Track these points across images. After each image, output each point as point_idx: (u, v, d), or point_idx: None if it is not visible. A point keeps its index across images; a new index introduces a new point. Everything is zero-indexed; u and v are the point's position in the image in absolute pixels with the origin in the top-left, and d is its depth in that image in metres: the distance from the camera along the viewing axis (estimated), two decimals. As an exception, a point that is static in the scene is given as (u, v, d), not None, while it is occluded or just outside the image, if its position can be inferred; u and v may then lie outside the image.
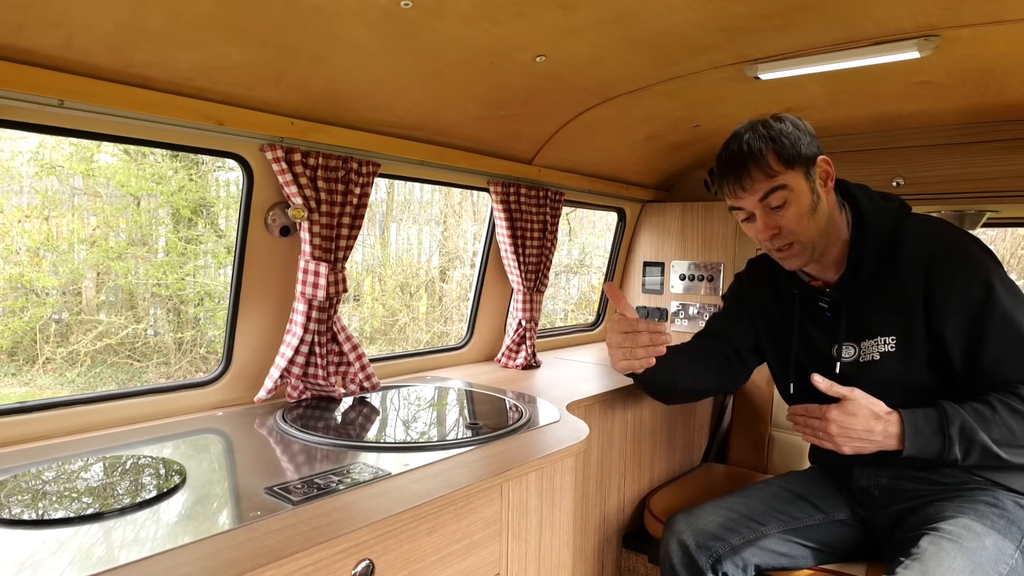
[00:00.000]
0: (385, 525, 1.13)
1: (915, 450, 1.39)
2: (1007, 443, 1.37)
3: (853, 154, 2.71)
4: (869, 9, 1.54)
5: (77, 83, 1.33)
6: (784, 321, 1.78)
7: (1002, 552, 1.38)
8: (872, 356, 1.58)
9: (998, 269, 1.50)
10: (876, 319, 1.58)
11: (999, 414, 1.37)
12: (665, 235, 3.25)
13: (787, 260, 1.60)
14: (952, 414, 1.39)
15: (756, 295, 1.87)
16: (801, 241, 1.55)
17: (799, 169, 1.51)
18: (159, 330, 6.39)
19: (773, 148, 1.50)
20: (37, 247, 5.77)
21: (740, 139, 1.54)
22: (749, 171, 1.51)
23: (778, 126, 1.52)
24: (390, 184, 7.73)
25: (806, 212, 1.52)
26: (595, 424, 2.12)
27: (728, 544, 1.69)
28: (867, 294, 1.59)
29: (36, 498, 1.14)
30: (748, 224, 1.60)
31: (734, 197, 1.56)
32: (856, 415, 1.42)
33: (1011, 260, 7.75)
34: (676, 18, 1.58)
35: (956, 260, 1.49)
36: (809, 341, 1.72)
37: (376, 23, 1.47)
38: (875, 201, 1.61)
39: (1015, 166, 2.40)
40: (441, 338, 7.93)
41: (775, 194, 1.51)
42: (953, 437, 1.37)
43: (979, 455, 1.37)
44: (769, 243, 1.58)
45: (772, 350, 1.84)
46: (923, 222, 1.58)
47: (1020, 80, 1.98)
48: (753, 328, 1.86)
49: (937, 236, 1.54)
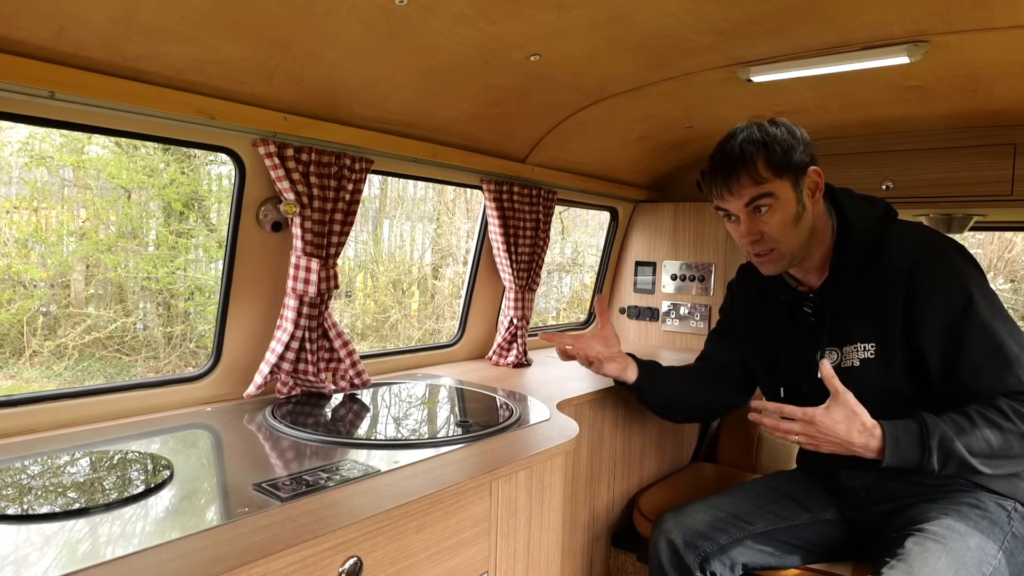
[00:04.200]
0: (374, 522, 1.13)
1: (894, 462, 1.39)
2: (984, 455, 1.37)
3: (843, 157, 2.73)
4: (860, 14, 1.55)
5: (68, 75, 1.32)
6: (771, 326, 1.79)
7: (985, 552, 1.39)
8: (852, 362, 1.59)
9: (979, 279, 1.50)
10: (856, 325, 1.59)
11: (978, 426, 1.37)
12: (657, 235, 3.26)
13: (763, 265, 1.62)
14: (932, 426, 1.39)
15: (745, 304, 1.89)
16: (780, 250, 1.56)
17: (788, 178, 1.51)
18: (148, 324, 6.35)
19: (764, 154, 1.50)
20: (26, 239, 5.72)
21: (733, 140, 1.54)
22: (737, 175, 1.51)
23: (773, 132, 1.52)
24: (383, 180, 7.70)
25: (789, 221, 1.53)
26: (585, 423, 2.13)
27: (716, 543, 1.70)
28: (849, 300, 1.60)
29: (21, 493, 1.13)
30: (731, 225, 1.62)
31: (720, 198, 1.57)
32: (840, 423, 1.40)
33: (998, 263, 7.82)
34: (669, 20, 1.59)
35: (937, 269, 1.49)
36: (794, 346, 1.73)
37: (371, 19, 1.46)
38: (860, 207, 1.62)
39: (1002, 171, 2.43)
40: (433, 335, 7.93)
41: (761, 200, 1.52)
42: (932, 448, 1.37)
43: (956, 466, 1.38)
44: (749, 247, 1.60)
45: (758, 354, 1.85)
46: (907, 229, 1.58)
47: (1007, 86, 2.01)
48: (739, 344, 1.91)
49: (920, 243, 1.54)
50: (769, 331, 1.80)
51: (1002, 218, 2.83)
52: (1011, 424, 1.37)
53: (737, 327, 1.93)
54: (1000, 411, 1.38)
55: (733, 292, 1.99)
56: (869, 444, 1.40)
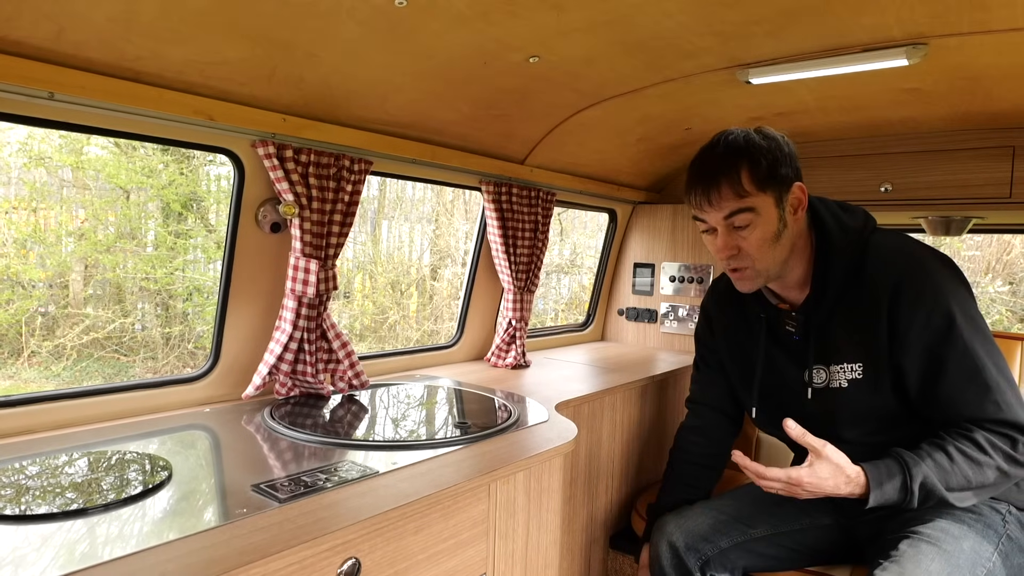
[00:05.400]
0: (372, 523, 1.13)
1: (877, 503, 1.38)
2: (961, 489, 1.38)
3: (842, 159, 2.73)
4: (859, 17, 1.55)
5: (68, 76, 1.33)
6: (751, 344, 1.74)
7: (980, 555, 1.39)
8: (840, 383, 1.55)
9: (964, 296, 1.46)
10: (843, 344, 1.54)
11: (956, 463, 1.37)
12: (656, 237, 3.26)
13: (739, 281, 1.56)
14: (914, 469, 1.37)
15: (724, 326, 1.83)
16: (756, 268, 1.51)
17: (771, 193, 1.45)
18: (147, 324, 6.34)
19: (748, 167, 1.44)
20: (24, 239, 5.71)
21: (716, 148, 1.49)
22: (719, 186, 1.45)
23: (759, 143, 1.46)
24: (382, 181, 7.70)
25: (769, 239, 1.47)
26: (584, 424, 2.13)
27: (717, 547, 1.70)
28: (833, 317, 1.55)
29: (19, 493, 1.13)
30: (708, 237, 1.55)
31: (699, 209, 1.51)
32: (827, 480, 1.37)
33: (997, 266, 7.83)
34: (668, 22, 1.59)
35: (920, 286, 1.44)
36: (776, 366, 1.68)
37: (370, 21, 1.46)
38: (839, 219, 1.56)
39: (1000, 173, 2.44)
40: (431, 337, 7.92)
41: (741, 215, 1.45)
42: (914, 492, 1.37)
43: (935, 502, 1.39)
44: (725, 262, 1.54)
45: (737, 374, 1.81)
46: (889, 240, 1.53)
47: (1006, 88, 2.01)
48: (724, 373, 1.88)
49: (902, 258, 1.48)
50: (750, 349, 1.74)
51: (1001, 220, 2.84)
52: (988, 458, 1.36)
53: (719, 353, 1.87)
54: (977, 445, 1.37)
55: (710, 316, 1.90)
56: (854, 492, 1.39)
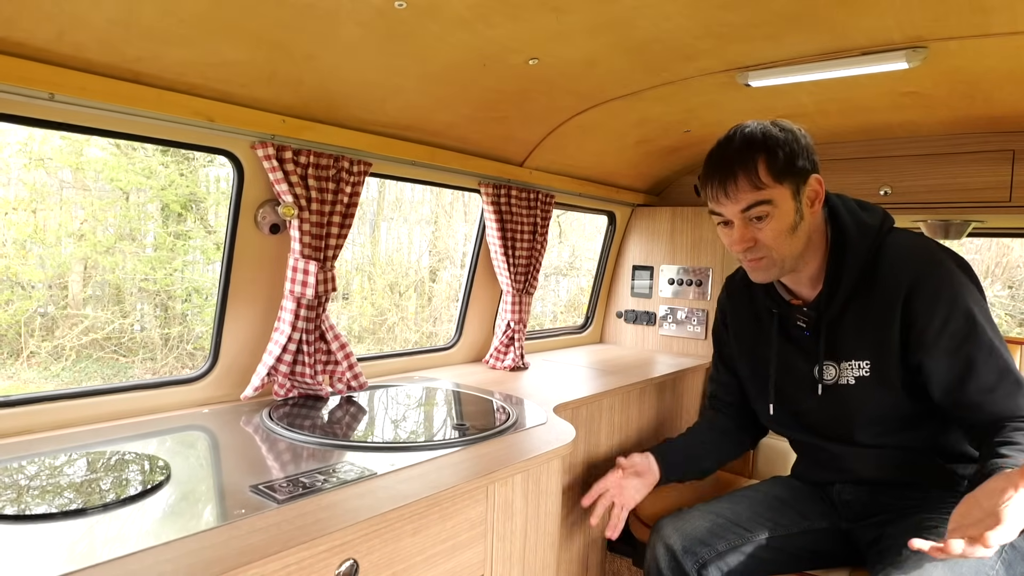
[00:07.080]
0: (370, 525, 1.13)
1: None
2: None
3: (841, 163, 2.74)
4: (858, 20, 1.55)
5: (68, 77, 1.33)
6: (763, 340, 1.75)
7: (983, 562, 1.38)
8: (848, 380, 1.56)
9: (979, 296, 1.47)
10: (853, 341, 1.55)
11: None
12: (654, 239, 3.26)
13: (754, 271, 1.57)
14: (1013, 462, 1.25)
15: (739, 323, 1.84)
16: (772, 257, 1.51)
17: (788, 185, 1.46)
18: (146, 325, 6.34)
19: (766, 158, 1.44)
20: (24, 240, 5.71)
21: (733, 141, 1.48)
22: (736, 179, 1.45)
23: (776, 135, 1.46)
24: (381, 183, 7.71)
25: (786, 230, 1.48)
26: (582, 426, 2.13)
27: (715, 550, 1.69)
28: (845, 314, 1.55)
29: (18, 493, 1.13)
30: (724, 229, 1.55)
31: (716, 202, 1.51)
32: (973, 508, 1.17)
33: (996, 269, 7.84)
34: (668, 24, 1.59)
35: (936, 286, 1.45)
36: (788, 361, 1.69)
37: (369, 23, 1.47)
38: (856, 216, 1.56)
39: (1000, 177, 2.44)
40: (430, 338, 7.92)
41: (758, 207, 1.45)
42: None
43: None
44: (741, 254, 1.54)
45: (749, 370, 1.81)
46: (906, 240, 1.54)
47: (1006, 92, 2.01)
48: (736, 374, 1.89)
49: (920, 257, 1.49)
50: (762, 345, 1.76)
51: (1000, 224, 2.84)
52: None
53: (734, 352, 1.88)
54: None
55: (724, 312, 1.92)
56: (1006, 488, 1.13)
